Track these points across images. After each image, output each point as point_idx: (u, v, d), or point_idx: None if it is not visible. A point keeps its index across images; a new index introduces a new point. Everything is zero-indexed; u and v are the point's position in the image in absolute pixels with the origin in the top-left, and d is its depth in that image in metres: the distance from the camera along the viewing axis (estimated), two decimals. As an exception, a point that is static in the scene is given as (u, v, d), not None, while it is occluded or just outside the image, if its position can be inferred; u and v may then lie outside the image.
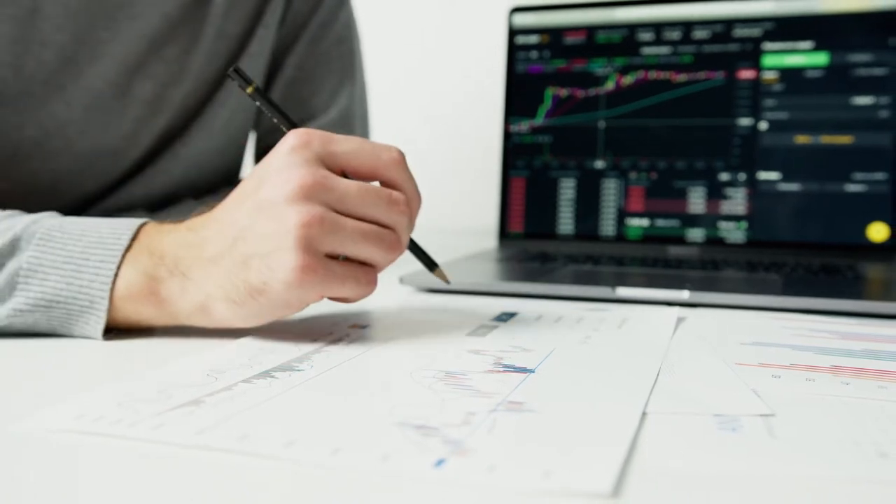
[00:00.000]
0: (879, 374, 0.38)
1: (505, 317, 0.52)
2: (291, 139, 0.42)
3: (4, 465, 0.26)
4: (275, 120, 0.49)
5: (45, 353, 0.42)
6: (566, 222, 0.92)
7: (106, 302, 0.42)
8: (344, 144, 0.43)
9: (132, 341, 0.44)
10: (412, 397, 0.33)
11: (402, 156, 0.45)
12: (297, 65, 0.78)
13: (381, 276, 0.72)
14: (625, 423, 0.30)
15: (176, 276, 0.42)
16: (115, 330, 0.44)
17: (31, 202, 0.65)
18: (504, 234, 0.94)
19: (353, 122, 0.81)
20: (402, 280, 0.64)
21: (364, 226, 0.42)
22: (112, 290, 0.42)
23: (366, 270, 0.44)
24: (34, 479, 0.25)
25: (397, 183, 0.44)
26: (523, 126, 0.95)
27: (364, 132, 0.84)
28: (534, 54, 0.95)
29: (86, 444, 0.28)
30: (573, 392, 0.34)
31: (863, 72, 0.84)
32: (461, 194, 1.34)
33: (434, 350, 0.42)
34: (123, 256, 0.43)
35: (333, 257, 0.42)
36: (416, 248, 0.50)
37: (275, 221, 0.40)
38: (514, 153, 0.95)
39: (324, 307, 0.55)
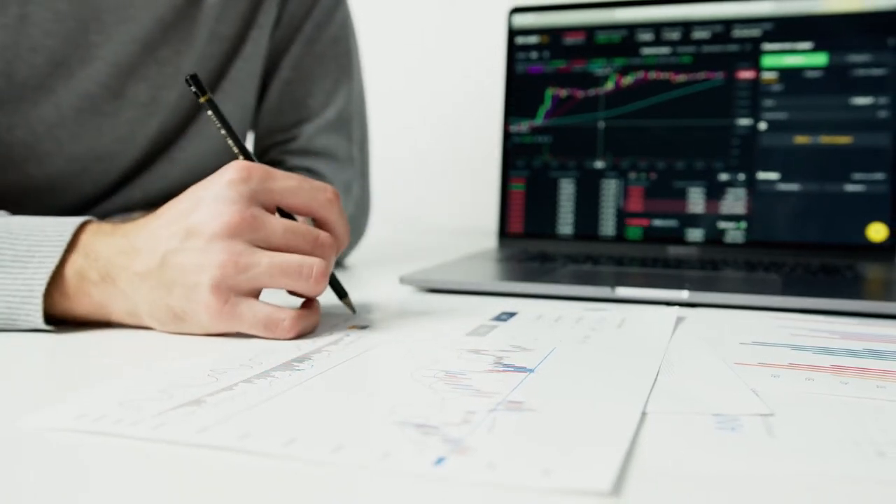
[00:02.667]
0: (878, 373, 0.38)
1: (505, 316, 0.52)
2: (231, 172, 0.44)
3: (5, 465, 0.27)
4: (228, 140, 0.50)
5: (45, 353, 0.42)
6: (566, 222, 0.92)
7: (41, 295, 0.43)
8: (281, 182, 0.45)
9: (133, 341, 0.44)
10: (412, 396, 0.33)
11: (336, 196, 0.47)
12: (293, 66, 0.78)
13: (382, 276, 0.72)
14: (624, 422, 0.30)
15: (107, 282, 0.44)
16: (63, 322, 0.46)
17: (29, 205, 0.65)
18: (504, 234, 0.95)
19: (351, 122, 0.81)
20: (402, 280, 0.64)
21: (281, 260, 0.43)
22: (51, 282, 0.44)
23: (276, 314, 0.44)
24: (35, 479, 0.25)
25: (329, 222, 0.47)
26: (523, 126, 0.95)
27: (362, 132, 0.84)
28: (534, 55, 0.95)
29: (87, 444, 0.28)
30: (573, 391, 0.34)
31: (862, 72, 0.84)
32: (461, 194, 1.34)
33: (434, 350, 0.42)
34: (64, 254, 0.44)
35: (253, 293, 0.44)
36: (332, 279, 0.51)
37: (198, 255, 0.43)
38: (514, 153, 0.95)
39: (323, 307, 0.55)
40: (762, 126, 0.86)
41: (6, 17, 0.59)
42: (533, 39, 0.96)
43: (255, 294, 0.45)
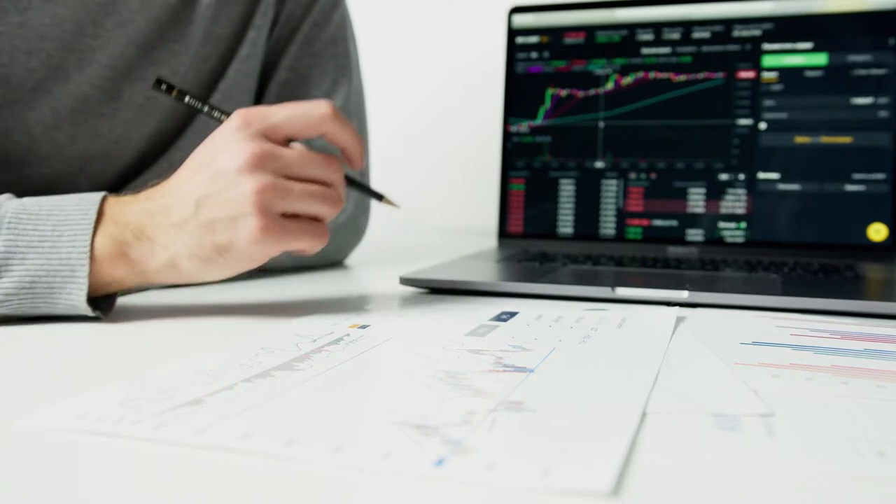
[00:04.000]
0: (879, 373, 0.38)
1: (505, 316, 0.52)
2: (234, 119, 0.48)
3: (6, 465, 0.27)
4: (212, 115, 0.55)
5: (46, 353, 0.42)
6: (566, 222, 0.92)
7: (86, 268, 0.46)
8: (278, 114, 0.49)
9: (133, 341, 0.44)
10: (412, 397, 0.33)
11: (331, 108, 0.50)
12: (291, 66, 0.78)
13: (382, 276, 0.72)
14: (624, 422, 0.30)
15: (143, 240, 0.47)
16: (100, 305, 0.48)
17: None
18: (504, 233, 0.95)
19: (350, 122, 0.81)
20: (402, 280, 0.64)
21: (309, 187, 0.49)
22: (90, 256, 0.46)
23: (316, 224, 0.50)
24: (36, 479, 0.25)
25: (335, 135, 0.51)
26: (523, 126, 0.95)
27: (361, 132, 0.84)
28: (534, 54, 0.95)
29: (87, 444, 0.28)
30: (573, 391, 0.34)
31: (862, 72, 0.84)
32: (461, 194, 1.34)
33: (434, 350, 0.42)
34: (95, 228, 0.47)
35: (287, 216, 0.49)
36: (361, 185, 0.58)
37: (233, 189, 0.46)
38: (514, 153, 0.95)
39: (323, 307, 0.55)
40: (762, 126, 0.86)
41: (4, 24, 0.59)
42: (533, 39, 0.96)
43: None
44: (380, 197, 0.59)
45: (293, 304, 0.56)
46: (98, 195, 0.49)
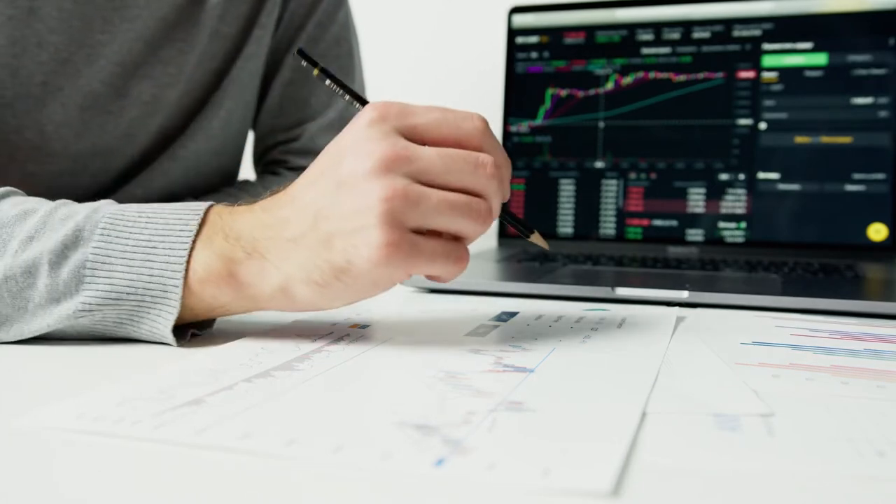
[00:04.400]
0: (878, 373, 0.38)
1: (505, 316, 0.52)
2: (368, 113, 0.41)
3: (5, 464, 0.27)
4: (347, 98, 0.47)
5: (46, 353, 0.42)
6: (566, 222, 0.92)
7: (179, 290, 0.40)
8: (423, 116, 0.41)
9: (133, 341, 0.44)
10: (412, 397, 0.33)
11: (485, 123, 0.42)
12: (294, 66, 0.78)
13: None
14: (624, 422, 0.30)
15: (255, 258, 0.40)
16: (188, 332, 0.43)
17: None
18: (504, 234, 0.95)
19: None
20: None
21: (451, 196, 0.40)
22: (186, 275, 0.40)
23: (456, 246, 0.41)
24: (35, 479, 0.25)
25: (482, 150, 0.42)
26: (523, 126, 0.95)
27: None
28: (534, 54, 0.95)
29: (86, 444, 0.28)
30: (573, 391, 0.34)
31: (862, 72, 0.84)
32: (461, 194, 1.34)
33: (434, 350, 0.42)
34: (195, 241, 0.41)
35: (420, 232, 0.40)
36: (508, 214, 0.48)
37: (357, 198, 0.39)
38: (514, 153, 0.95)
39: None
40: (762, 126, 0.86)
41: (15, 7, 0.59)
42: (533, 39, 0.96)
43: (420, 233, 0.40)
44: (529, 232, 0.49)
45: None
46: (204, 204, 0.42)
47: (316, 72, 0.47)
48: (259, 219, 0.41)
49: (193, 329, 0.44)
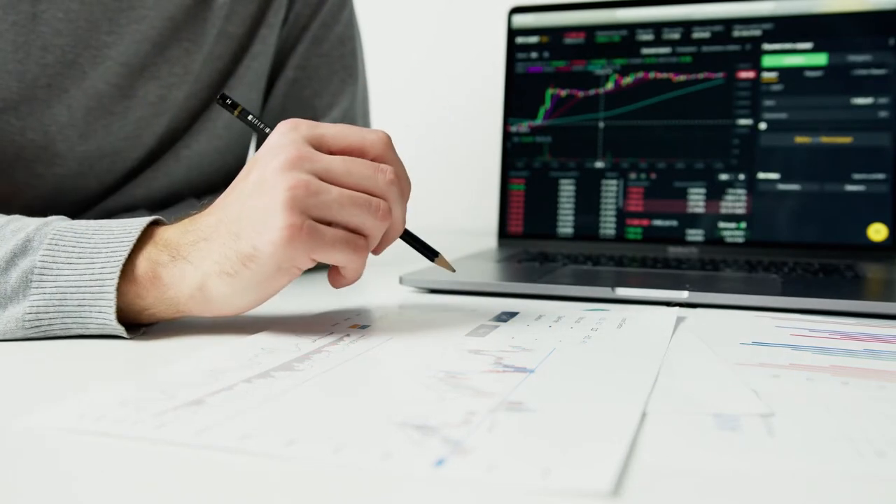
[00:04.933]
0: (878, 373, 0.38)
1: (505, 317, 0.52)
2: (280, 126, 0.45)
3: (6, 464, 0.27)
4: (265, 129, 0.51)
5: (46, 353, 0.42)
6: (566, 222, 0.92)
7: (113, 285, 0.43)
8: (330, 128, 0.45)
9: (132, 342, 0.44)
10: (412, 397, 0.33)
11: (388, 137, 0.46)
12: (299, 65, 0.78)
13: (382, 276, 0.72)
14: (624, 422, 0.30)
15: (178, 261, 0.44)
16: (138, 327, 0.45)
17: (34, 205, 0.65)
18: (504, 234, 0.95)
19: (356, 121, 0.81)
20: (402, 280, 0.64)
21: (351, 192, 0.43)
22: (122, 276, 0.43)
23: (356, 236, 0.44)
24: (35, 478, 0.25)
25: (385, 161, 0.45)
26: (523, 126, 0.95)
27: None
28: (534, 55, 0.95)
29: (87, 444, 0.28)
30: (573, 392, 0.35)
31: (862, 72, 0.84)
32: (461, 194, 1.34)
33: (434, 350, 0.42)
34: (133, 248, 0.44)
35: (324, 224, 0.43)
36: (411, 237, 0.51)
37: (264, 193, 0.42)
38: (514, 153, 0.95)
39: (323, 307, 0.55)
40: (762, 126, 0.86)
41: (18, 13, 0.59)
42: (533, 39, 0.96)
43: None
44: (434, 256, 0.52)
45: (293, 304, 0.56)
46: (147, 219, 0.45)
47: (236, 113, 0.52)
48: (185, 227, 0.45)
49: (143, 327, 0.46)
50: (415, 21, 1.37)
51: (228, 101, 0.52)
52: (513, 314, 0.53)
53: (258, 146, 0.81)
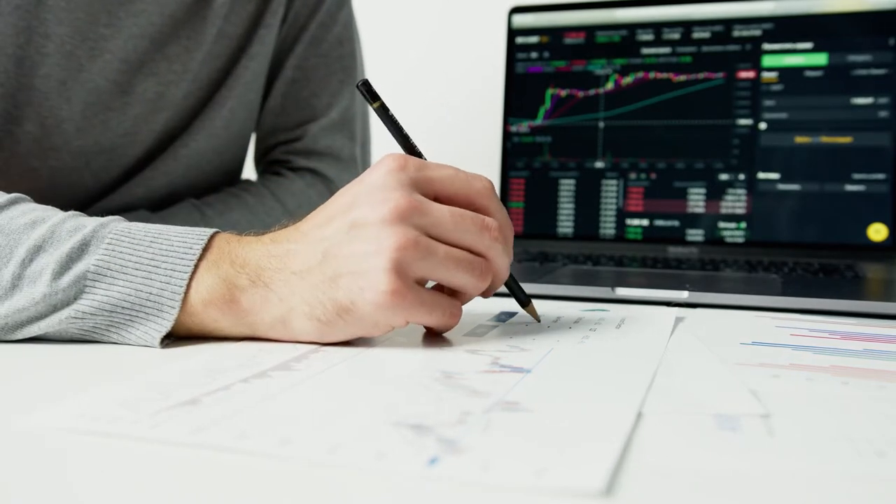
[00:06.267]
0: (878, 373, 0.38)
1: (504, 317, 0.52)
2: (388, 162, 0.42)
3: (4, 464, 0.26)
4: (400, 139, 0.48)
5: (45, 353, 0.42)
6: (566, 222, 0.92)
7: (176, 311, 0.41)
8: (439, 171, 0.43)
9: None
10: (408, 396, 0.33)
11: (492, 185, 0.45)
12: (297, 66, 0.78)
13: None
14: (619, 421, 0.30)
15: (259, 287, 0.41)
16: (172, 336, 0.43)
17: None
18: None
19: (354, 122, 0.81)
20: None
21: (457, 252, 0.41)
22: (186, 297, 0.41)
23: (452, 302, 0.43)
24: (33, 478, 0.25)
25: (489, 210, 0.44)
26: (523, 126, 0.95)
27: (364, 133, 0.84)
28: (534, 55, 0.95)
29: (85, 443, 0.28)
30: (569, 392, 0.34)
31: (862, 72, 0.84)
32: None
33: (432, 350, 0.42)
34: (197, 265, 0.42)
35: (423, 283, 0.42)
36: (512, 281, 0.49)
37: (369, 242, 0.40)
38: (514, 153, 0.95)
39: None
40: (762, 126, 0.86)
41: None
42: (533, 39, 0.95)
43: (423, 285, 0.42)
44: (526, 302, 0.50)
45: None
46: (209, 230, 0.43)
47: (376, 105, 0.46)
48: (267, 249, 0.42)
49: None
50: (414, 21, 1.37)
51: (369, 91, 0.46)
52: (512, 314, 0.53)
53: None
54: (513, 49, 0.96)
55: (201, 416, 0.30)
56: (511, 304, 0.57)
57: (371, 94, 0.46)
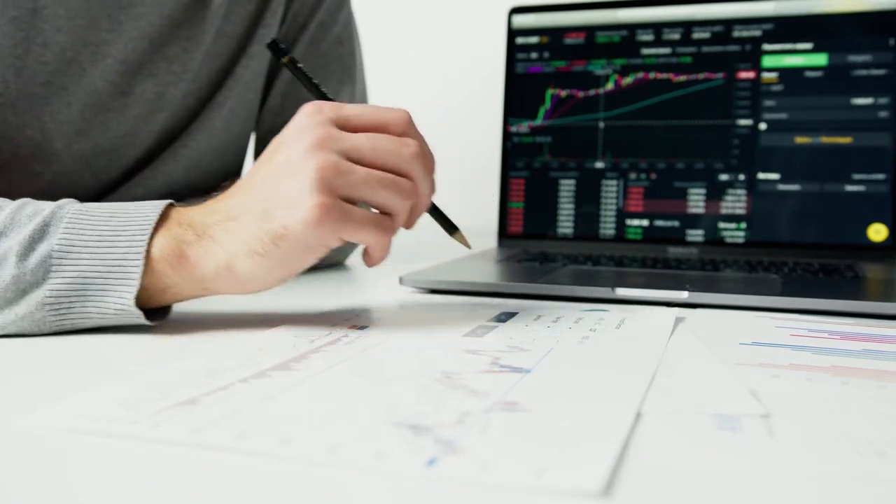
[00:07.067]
0: (878, 373, 0.38)
1: (504, 317, 0.52)
2: (305, 108, 0.46)
3: (4, 464, 0.26)
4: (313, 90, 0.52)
5: (45, 352, 0.42)
6: (566, 223, 0.92)
7: (140, 270, 0.43)
8: (353, 109, 0.46)
9: (132, 342, 0.44)
10: (408, 397, 0.33)
11: (408, 114, 0.47)
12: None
13: (382, 276, 0.72)
14: (618, 422, 0.30)
15: (204, 239, 0.44)
16: (153, 314, 0.45)
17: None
18: (504, 234, 0.94)
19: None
20: (401, 280, 0.64)
21: (378, 172, 0.44)
22: (147, 259, 0.44)
23: (383, 217, 0.46)
24: (33, 478, 0.25)
25: (408, 137, 0.46)
26: (523, 126, 0.95)
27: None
28: (534, 55, 0.95)
29: (84, 443, 0.28)
30: (568, 392, 0.34)
31: (862, 72, 0.84)
32: (461, 195, 1.34)
33: (431, 350, 0.42)
34: (154, 231, 0.44)
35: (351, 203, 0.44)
36: (435, 211, 0.52)
37: (293, 173, 0.43)
38: (514, 153, 0.95)
39: (323, 308, 0.55)
40: (762, 126, 0.86)
41: (18, 9, 0.59)
42: (533, 40, 0.95)
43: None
44: (453, 230, 0.53)
45: (292, 304, 0.56)
46: (164, 202, 0.46)
47: (286, 59, 0.52)
48: (210, 207, 0.46)
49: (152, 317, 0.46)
50: (414, 21, 1.37)
51: (282, 46, 0.52)
52: (512, 314, 0.53)
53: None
54: (513, 49, 0.96)
55: (201, 416, 0.30)
56: (511, 304, 0.57)
57: (280, 51, 0.51)
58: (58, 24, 0.61)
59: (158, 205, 0.46)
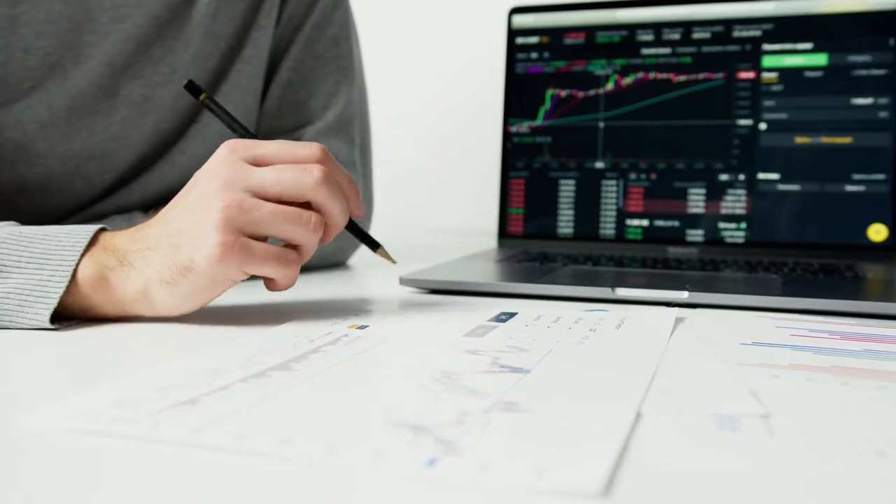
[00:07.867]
0: (878, 373, 0.38)
1: (504, 317, 0.52)
2: (221, 147, 0.48)
3: (4, 464, 0.26)
4: (233, 127, 0.55)
5: (44, 352, 0.42)
6: (566, 223, 0.92)
7: (60, 291, 0.46)
8: (266, 147, 0.48)
9: (132, 342, 0.44)
10: (408, 397, 0.33)
11: (322, 148, 0.49)
12: (292, 67, 0.77)
13: (382, 276, 0.72)
14: (618, 422, 0.30)
15: (124, 266, 0.47)
16: (68, 319, 0.47)
17: (21, 206, 0.65)
18: (504, 234, 0.94)
19: (352, 125, 0.80)
20: (401, 280, 0.64)
21: (283, 207, 0.46)
22: (73, 281, 0.46)
23: (287, 251, 0.48)
24: (32, 478, 0.25)
25: (319, 162, 0.48)
26: (523, 126, 0.95)
27: (363, 134, 0.84)
28: (534, 55, 0.95)
29: (83, 443, 0.28)
30: (568, 392, 0.34)
31: (862, 72, 0.84)
32: (461, 195, 1.34)
33: (431, 350, 0.42)
34: (82, 256, 0.47)
35: (259, 239, 0.47)
36: (355, 229, 0.55)
37: (202, 209, 0.46)
38: (514, 154, 0.95)
39: (323, 308, 0.55)
40: (762, 126, 0.86)
41: None
42: (533, 40, 0.95)
43: (259, 240, 0.47)
44: (375, 247, 0.56)
45: (293, 304, 0.56)
46: (94, 227, 0.49)
47: (202, 97, 0.54)
48: (132, 235, 0.48)
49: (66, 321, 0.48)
50: (414, 21, 1.37)
51: (196, 85, 0.54)
52: (512, 314, 0.53)
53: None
54: (513, 49, 0.96)
55: (201, 416, 0.30)
56: (511, 305, 0.57)
57: (195, 91, 0.54)
58: (39, 29, 0.61)
59: (89, 230, 0.48)
